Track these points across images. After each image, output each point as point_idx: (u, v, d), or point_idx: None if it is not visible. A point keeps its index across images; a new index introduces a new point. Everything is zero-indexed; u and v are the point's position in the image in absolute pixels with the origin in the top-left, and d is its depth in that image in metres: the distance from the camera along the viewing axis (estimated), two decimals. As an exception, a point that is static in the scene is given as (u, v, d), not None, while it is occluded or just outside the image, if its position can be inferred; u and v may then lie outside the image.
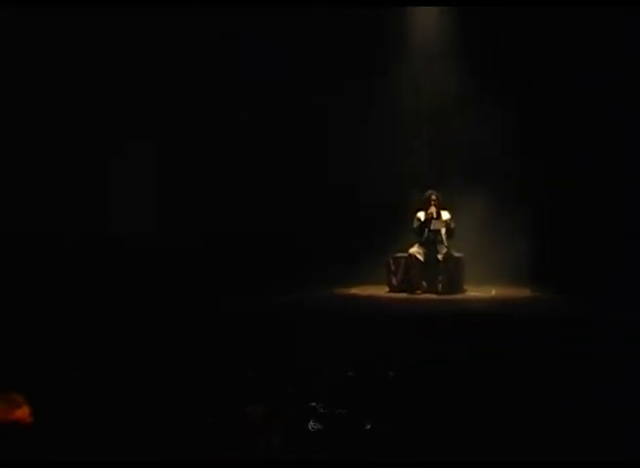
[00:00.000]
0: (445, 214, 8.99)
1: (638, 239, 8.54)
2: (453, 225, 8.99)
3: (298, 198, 10.14)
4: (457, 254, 9.07)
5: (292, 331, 6.87)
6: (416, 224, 9.04)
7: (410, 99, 10.00)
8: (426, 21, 10.30)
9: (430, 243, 8.95)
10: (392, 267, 9.13)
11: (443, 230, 8.99)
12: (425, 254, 8.94)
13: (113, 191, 10.08)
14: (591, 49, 9.01)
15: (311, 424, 3.35)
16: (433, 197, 8.96)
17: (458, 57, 9.98)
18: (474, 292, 9.00)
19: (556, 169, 9.44)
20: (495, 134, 9.42)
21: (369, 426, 3.36)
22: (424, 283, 8.93)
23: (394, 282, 9.09)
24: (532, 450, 3.52)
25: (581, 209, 9.18)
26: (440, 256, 8.87)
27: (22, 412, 3.27)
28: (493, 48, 9.71)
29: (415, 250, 8.96)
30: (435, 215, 8.93)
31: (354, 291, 9.18)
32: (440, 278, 8.84)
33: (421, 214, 9.01)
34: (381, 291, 9.14)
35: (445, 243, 8.98)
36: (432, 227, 8.93)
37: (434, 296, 8.72)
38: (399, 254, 9.14)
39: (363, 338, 6.59)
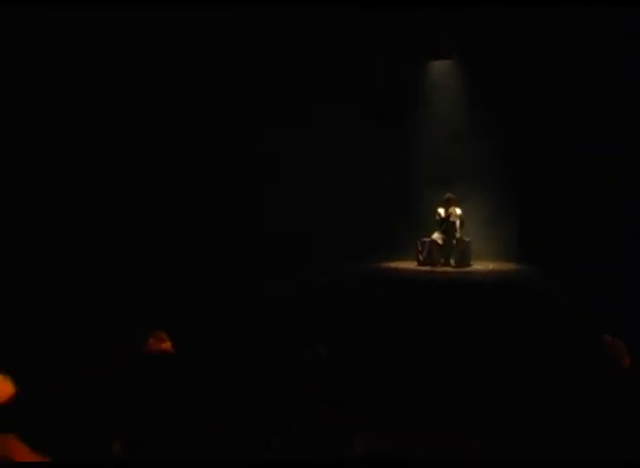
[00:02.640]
0: (458, 211, 10.55)
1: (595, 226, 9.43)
2: (463, 218, 10.54)
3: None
4: (466, 239, 10.47)
5: (355, 289, 8.17)
6: (437, 217, 10.65)
7: (433, 127, 11.55)
8: (437, 70, 11.98)
9: (447, 231, 10.46)
10: (419, 248, 10.66)
11: (457, 222, 10.46)
12: (443, 239, 10.46)
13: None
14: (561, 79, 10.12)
15: None
16: (450, 197, 10.61)
17: (461, 95, 11.51)
18: (478, 265, 10.34)
19: (536, 178, 10.55)
20: (492, 153, 10.92)
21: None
22: (442, 259, 10.41)
23: (421, 258, 10.60)
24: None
25: (555, 207, 10.25)
26: (454, 241, 10.39)
27: (167, 345, 3.73)
28: (487, 89, 11.05)
29: (436, 236, 10.55)
30: (451, 211, 10.50)
31: (393, 264, 10.75)
32: (454, 256, 10.35)
33: (441, 211, 10.62)
34: (412, 265, 10.64)
35: (458, 231, 10.45)
36: (449, 220, 10.49)
37: (449, 269, 10.15)
38: (424, 239, 10.62)
39: (400, 294, 7.83)
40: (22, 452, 2.45)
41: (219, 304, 6.96)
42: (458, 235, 10.57)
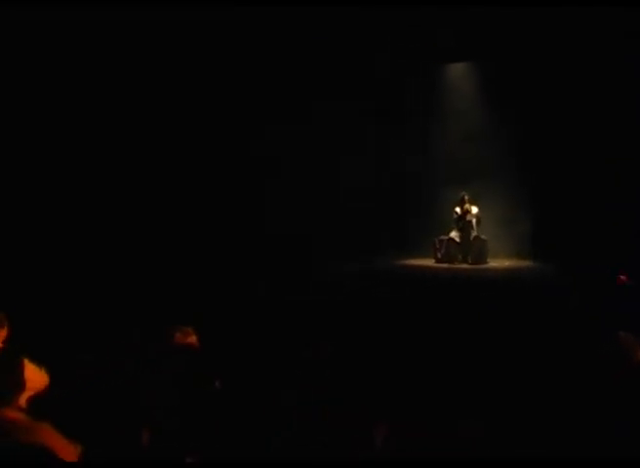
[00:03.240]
0: (474, 209, 10.92)
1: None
2: (480, 217, 10.91)
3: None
4: (482, 237, 10.84)
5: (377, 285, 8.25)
6: (454, 216, 11.04)
7: (447, 128, 11.74)
8: (452, 72, 12.28)
9: (464, 229, 10.85)
10: (437, 246, 11.08)
11: (474, 220, 10.85)
12: (460, 237, 10.85)
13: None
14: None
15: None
16: (466, 196, 10.97)
17: (475, 96, 11.74)
18: (494, 263, 10.70)
19: (549, 177, 10.68)
20: (507, 152, 11.05)
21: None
22: (460, 257, 10.82)
23: (438, 255, 11.03)
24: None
25: (568, 205, 10.39)
26: (471, 238, 10.78)
27: (192, 339, 3.81)
28: (501, 90, 11.25)
29: (453, 234, 10.94)
30: (468, 210, 10.89)
31: (411, 261, 11.06)
32: (470, 253, 10.75)
33: (458, 209, 11.00)
34: (430, 262, 11.04)
35: (474, 229, 10.84)
36: (466, 218, 10.89)
37: (467, 266, 10.54)
38: (442, 237, 11.03)
39: (419, 290, 7.93)
40: (56, 440, 2.50)
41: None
42: (474, 233, 10.90)
